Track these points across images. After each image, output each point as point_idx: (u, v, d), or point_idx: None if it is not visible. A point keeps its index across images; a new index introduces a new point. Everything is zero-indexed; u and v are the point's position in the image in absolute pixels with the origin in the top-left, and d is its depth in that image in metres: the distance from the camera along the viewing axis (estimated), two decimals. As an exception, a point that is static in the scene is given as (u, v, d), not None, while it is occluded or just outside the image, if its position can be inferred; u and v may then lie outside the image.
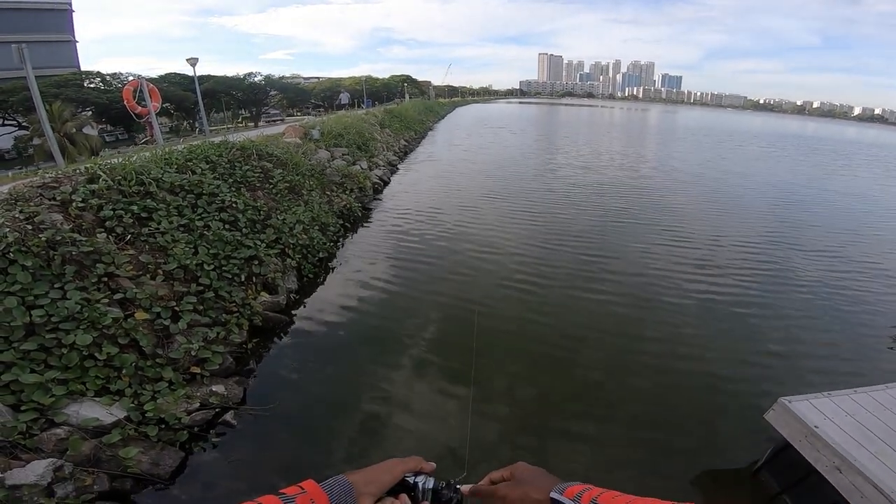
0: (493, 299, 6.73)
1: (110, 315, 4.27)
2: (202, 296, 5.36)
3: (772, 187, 16.73)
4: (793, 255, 9.23)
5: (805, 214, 12.99)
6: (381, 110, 30.25)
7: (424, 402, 4.66)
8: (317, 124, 15.89)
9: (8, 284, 3.88)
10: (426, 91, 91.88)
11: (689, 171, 18.65)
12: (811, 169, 23.39)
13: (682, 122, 70.81)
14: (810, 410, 3.47)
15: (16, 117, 28.76)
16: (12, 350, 3.54)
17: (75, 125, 22.52)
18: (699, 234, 10.22)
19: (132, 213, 5.66)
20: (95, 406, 3.63)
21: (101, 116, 32.20)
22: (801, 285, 7.71)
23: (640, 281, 7.47)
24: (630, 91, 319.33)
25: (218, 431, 4.08)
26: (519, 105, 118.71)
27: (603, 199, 12.62)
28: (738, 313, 6.54)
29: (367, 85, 63.18)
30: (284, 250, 7.26)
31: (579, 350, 5.57)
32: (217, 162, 8.07)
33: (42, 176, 5.90)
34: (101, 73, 36.13)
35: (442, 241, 9.22)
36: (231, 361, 4.96)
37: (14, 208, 4.80)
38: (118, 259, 4.91)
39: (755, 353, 5.62)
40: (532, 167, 17.27)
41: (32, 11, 40.21)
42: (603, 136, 33.82)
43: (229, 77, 45.47)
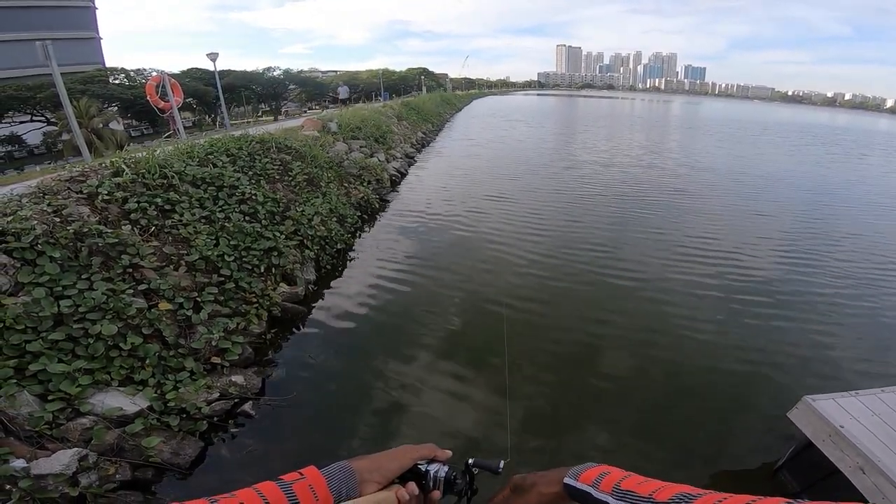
0: (514, 293, 6.67)
1: (135, 305, 4.37)
2: (223, 286, 5.44)
3: (808, 184, 16.12)
4: (819, 251, 8.93)
5: (837, 211, 12.50)
6: (399, 103, 30.19)
7: (443, 395, 4.65)
8: (334, 117, 15.95)
9: (36, 276, 3.98)
10: (443, 83, 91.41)
11: (721, 168, 17.85)
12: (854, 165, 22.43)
13: (708, 114, 68.73)
14: (835, 409, 3.37)
15: (44, 113, 29.58)
16: (40, 340, 3.63)
17: (102, 120, 23.07)
18: (723, 229, 9.94)
19: (156, 206, 5.77)
20: (119, 396, 3.72)
21: (126, 112, 32.90)
22: (827, 282, 7.45)
23: (662, 276, 7.32)
24: (651, 83, 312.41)
25: (237, 422, 4.14)
26: (537, 97, 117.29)
27: (624, 199, 12.19)
28: (763, 312, 6.36)
29: (384, 78, 63.13)
30: (303, 242, 7.31)
31: (599, 347, 5.50)
32: (237, 155, 8.16)
33: (69, 170, 6.04)
34: (126, 69, 36.89)
35: (460, 233, 9.17)
36: (250, 352, 5.03)
37: (42, 201, 4.92)
38: (142, 250, 5.01)
39: (778, 351, 5.47)
40: (550, 163, 16.89)
41: (56, 9, 40.96)
42: (625, 130, 32.82)
43: (249, 71, 46.08)
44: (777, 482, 3.70)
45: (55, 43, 9.52)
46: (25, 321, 3.64)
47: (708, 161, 19.09)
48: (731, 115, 64.68)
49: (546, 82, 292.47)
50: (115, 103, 31.10)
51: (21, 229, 4.19)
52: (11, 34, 37.02)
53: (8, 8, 37.79)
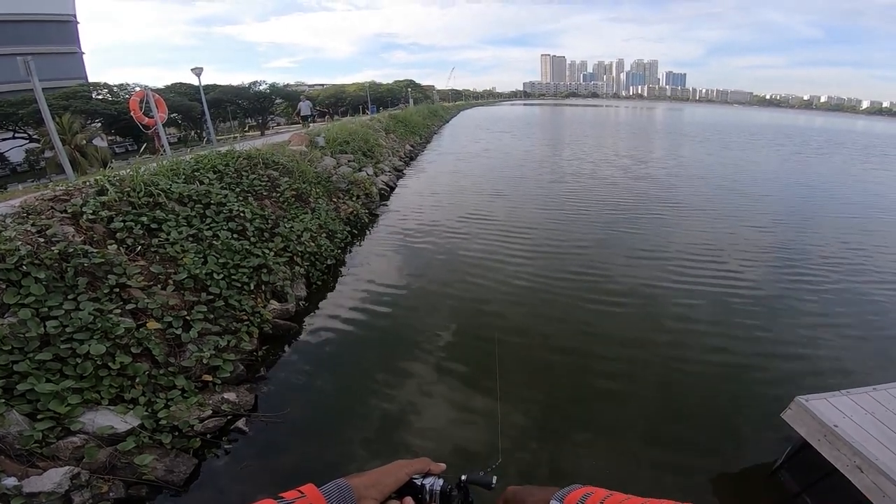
0: (504, 304, 6.70)
1: (123, 325, 4.32)
2: (212, 305, 5.39)
3: (800, 186, 16.52)
4: (811, 251, 9.12)
5: (828, 212, 12.75)
6: (386, 116, 30.31)
7: (436, 407, 4.66)
8: (322, 131, 15.95)
9: (22, 297, 3.94)
10: (430, 95, 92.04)
11: (710, 175, 17.86)
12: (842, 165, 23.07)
13: (692, 119, 70.10)
14: (828, 409, 3.42)
15: (26, 130, 29.11)
16: (27, 360, 3.59)
17: (85, 137, 22.76)
18: (712, 236, 10.05)
19: (142, 225, 5.73)
20: (110, 414, 3.67)
21: (110, 128, 32.48)
22: (818, 282, 7.61)
23: (653, 284, 7.39)
24: (635, 90, 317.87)
25: (230, 438, 4.11)
26: (523, 107, 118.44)
27: (613, 209, 12.19)
28: (755, 311, 6.49)
29: (372, 91, 63.41)
30: (293, 258, 7.29)
31: (590, 354, 5.53)
32: (224, 171, 8.15)
33: (53, 189, 5.98)
34: (109, 84, 36.47)
35: (449, 247, 9.19)
36: (242, 369, 5.00)
37: (26, 221, 4.88)
38: (129, 270, 4.97)
39: (772, 353, 5.56)
40: (536, 176, 16.84)
41: (37, 23, 40.38)
42: (611, 139, 33.09)
43: (235, 86, 45.87)
44: (776, 483, 3.72)
45: (36, 58, 9.43)
46: (12, 342, 3.60)
47: (697, 168, 19.29)
48: (713, 121, 65.95)
49: (532, 92, 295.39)
50: (99, 119, 30.70)
51: (5, 250, 4.15)
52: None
53: None
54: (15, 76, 12.75)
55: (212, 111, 23.55)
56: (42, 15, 40.73)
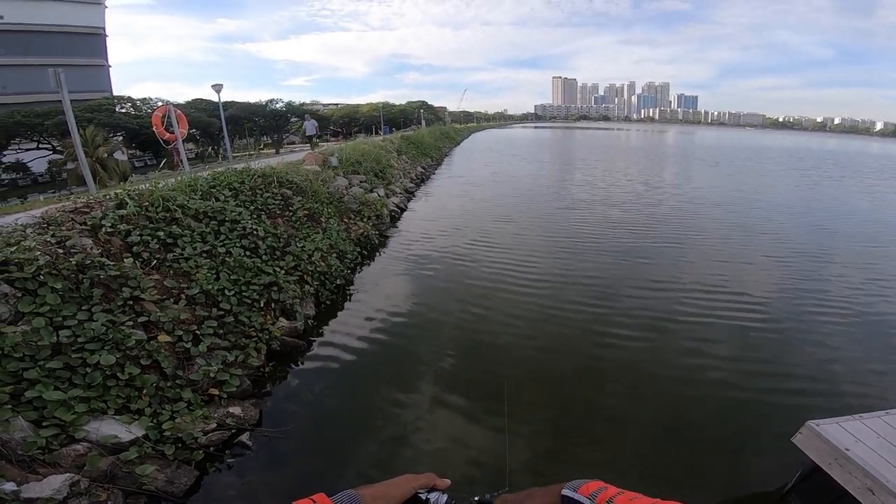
0: (511, 333, 6.59)
1: (134, 337, 4.39)
2: (222, 320, 5.47)
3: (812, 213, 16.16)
4: (826, 278, 8.98)
5: (841, 235, 12.64)
6: (399, 137, 30.79)
7: (441, 430, 4.63)
8: (335, 151, 16.22)
9: (37, 306, 4.03)
10: (442, 117, 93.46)
11: (725, 200, 17.58)
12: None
13: (703, 143, 70.00)
14: (840, 433, 3.41)
15: (50, 141, 29.91)
16: (38, 368, 3.66)
17: (107, 150, 23.35)
18: (725, 261, 9.93)
19: (158, 239, 5.87)
20: (115, 424, 3.71)
21: (131, 141, 33.31)
22: (833, 310, 7.46)
23: (664, 307, 7.33)
24: (646, 112, 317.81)
25: (233, 452, 4.12)
26: (534, 129, 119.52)
27: (624, 233, 12.13)
28: (768, 338, 6.41)
29: (385, 111, 64.58)
30: (303, 277, 7.37)
31: (600, 376, 5.49)
32: (239, 189, 8.33)
33: (74, 201, 6.16)
34: (132, 98, 37.54)
35: (458, 271, 9.17)
36: (248, 384, 5.03)
37: (46, 232, 5.03)
38: (144, 283, 5.07)
39: (784, 378, 5.49)
40: (546, 202, 16.63)
41: (68, 35, 41.79)
42: (623, 163, 32.68)
43: (252, 103, 47.06)
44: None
45: (65, 69, 9.68)
46: (24, 349, 3.67)
47: (711, 194, 18.87)
48: (726, 144, 65.95)
49: (543, 114, 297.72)
50: (121, 132, 31.53)
51: (24, 259, 4.27)
52: (24, 59, 37.90)
53: (23, 32, 38.73)
54: (43, 87, 12.97)
55: (229, 128, 24.03)
56: (72, 27, 42.13)
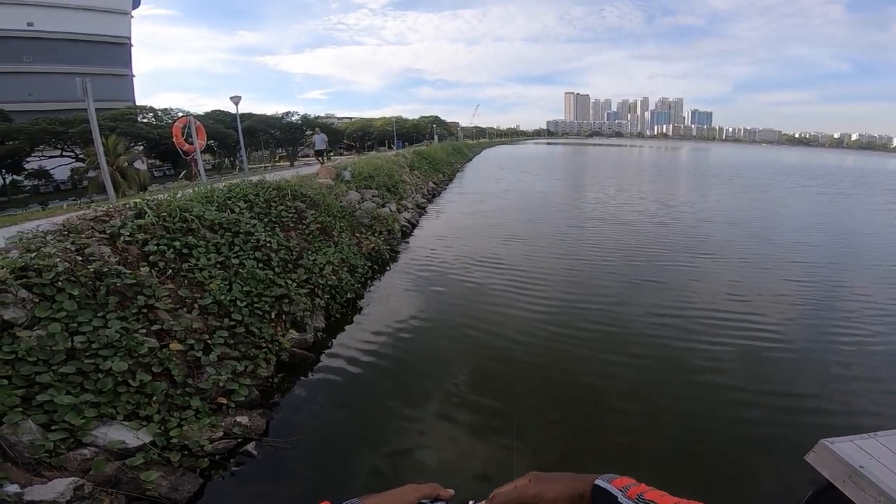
0: (519, 354, 6.51)
1: (147, 344, 4.47)
2: (233, 330, 5.54)
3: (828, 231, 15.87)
4: (843, 299, 8.81)
5: (853, 252, 12.45)
6: (411, 152, 31.08)
7: (447, 442, 4.63)
8: (348, 165, 16.42)
9: (54, 311, 4.13)
10: (454, 132, 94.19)
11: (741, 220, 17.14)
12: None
13: (719, 160, 69.15)
14: (854, 450, 3.40)
15: (73, 149, 30.63)
16: (51, 372, 3.73)
17: (127, 159, 23.87)
18: (745, 281, 9.72)
19: (174, 249, 5.99)
20: (123, 429, 3.75)
21: (151, 151, 33.96)
22: (847, 327, 7.36)
23: (676, 325, 7.24)
24: (659, 129, 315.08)
25: (238, 461, 4.13)
26: (547, 146, 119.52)
27: (637, 253, 11.81)
28: (779, 357, 6.31)
29: (398, 126, 65.39)
30: (314, 290, 7.44)
31: (610, 395, 5.43)
32: (254, 201, 8.48)
33: (94, 209, 6.31)
34: (154, 108, 38.38)
35: (468, 288, 9.13)
36: (257, 394, 5.06)
37: (66, 239, 5.17)
38: (158, 292, 5.17)
39: (798, 397, 5.41)
40: (558, 220, 16.40)
41: (95, 44, 43.06)
42: (636, 181, 32.22)
43: (268, 116, 47.91)
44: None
45: (91, 78, 9.92)
46: (38, 354, 3.75)
47: (726, 213, 18.43)
48: (741, 161, 65.34)
49: (555, 130, 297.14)
50: (142, 142, 32.17)
51: (43, 266, 4.38)
52: (51, 66, 39.09)
53: (51, 40, 39.98)
54: (68, 94, 13.14)
55: (245, 139, 24.39)
56: (99, 36, 43.43)
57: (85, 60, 40.56)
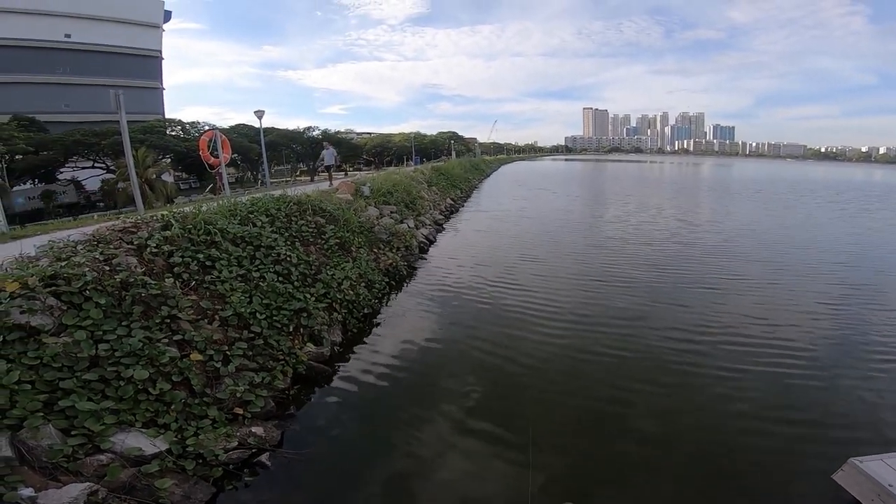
0: (534, 376, 6.39)
1: (168, 354, 4.57)
2: (252, 342, 5.62)
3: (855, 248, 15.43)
4: (868, 315, 8.56)
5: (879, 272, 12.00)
6: (430, 168, 31.34)
7: (461, 460, 4.59)
8: (367, 181, 16.61)
9: (80, 319, 4.25)
10: (472, 148, 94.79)
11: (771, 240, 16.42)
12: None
13: (742, 175, 67.84)
14: (883, 469, 3.39)
15: (105, 160, 31.58)
16: (74, 378, 3.82)
17: (155, 171, 24.59)
18: (763, 294, 9.60)
19: (198, 261, 6.14)
20: (141, 437, 3.81)
21: (178, 164, 34.75)
22: (873, 347, 7.16)
23: (699, 341, 7.17)
24: (680, 144, 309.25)
25: (252, 471, 4.16)
26: (565, 162, 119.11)
27: (657, 273, 11.51)
28: (804, 375, 6.18)
29: (416, 141, 66.09)
30: (332, 304, 7.52)
31: (634, 413, 5.36)
32: (276, 216, 8.65)
33: (123, 220, 6.51)
34: (182, 121, 39.43)
35: (484, 306, 9.06)
36: (273, 405, 5.11)
37: (95, 249, 5.35)
38: (181, 303, 5.29)
39: (823, 415, 5.30)
40: (575, 239, 16.13)
41: (127, 57, 44.29)
42: (655, 197, 31.40)
43: (290, 130, 48.87)
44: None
45: (123, 90, 10.18)
46: (63, 360, 3.85)
47: (752, 232, 17.69)
48: (766, 176, 64.22)
49: (574, 146, 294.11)
50: (170, 155, 32.96)
51: (72, 275, 4.53)
52: (87, 78, 40.51)
53: (86, 52, 41.50)
54: (101, 106, 13.43)
55: (268, 154, 24.80)
56: (131, 49, 44.80)
57: (118, 73, 41.69)
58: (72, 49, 40.89)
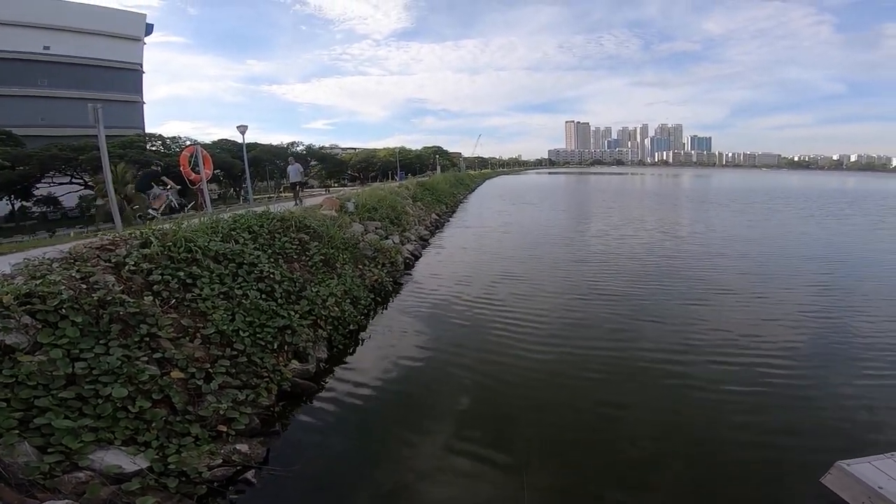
0: (524, 380, 6.51)
1: (147, 372, 4.48)
2: (235, 360, 5.53)
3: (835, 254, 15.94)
4: (843, 321, 8.79)
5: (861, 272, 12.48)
6: (414, 183, 31.44)
7: (447, 476, 4.59)
8: (352, 197, 16.58)
9: (56, 338, 4.17)
10: (457, 163, 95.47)
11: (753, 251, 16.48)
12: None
13: (720, 185, 69.58)
14: (871, 472, 3.42)
15: (83, 176, 30.90)
16: (50, 397, 3.74)
17: (134, 187, 24.13)
18: (744, 284, 9.97)
19: (178, 279, 6.05)
20: (121, 454, 3.72)
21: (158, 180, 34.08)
22: (854, 350, 7.37)
23: (683, 355, 7.18)
24: (660, 156, 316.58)
25: (237, 489, 4.08)
26: (549, 175, 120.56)
27: (639, 286, 11.52)
28: (789, 384, 6.25)
29: (401, 156, 66.31)
30: (317, 321, 7.45)
31: (622, 428, 5.38)
32: (259, 232, 8.59)
33: (101, 238, 6.41)
34: (163, 136, 38.91)
35: (471, 321, 9.04)
36: (257, 423, 5.02)
37: (72, 267, 5.25)
38: (161, 321, 5.20)
39: (808, 419, 5.42)
40: (557, 255, 15.93)
41: (107, 70, 43.42)
42: (637, 210, 32.05)
43: (274, 146, 48.69)
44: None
45: (103, 104, 9.85)
46: (38, 378, 3.77)
47: (733, 244, 17.86)
48: (743, 186, 65.80)
49: (557, 159, 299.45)
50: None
51: (48, 293, 4.45)
52: (65, 91, 39.49)
53: (66, 64, 40.62)
54: (79, 120, 13.01)
55: (251, 170, 24.57)
56: (111, 61, 43.93)
57: (97, 86, 40.79)
58: (50, 61, 40.05)
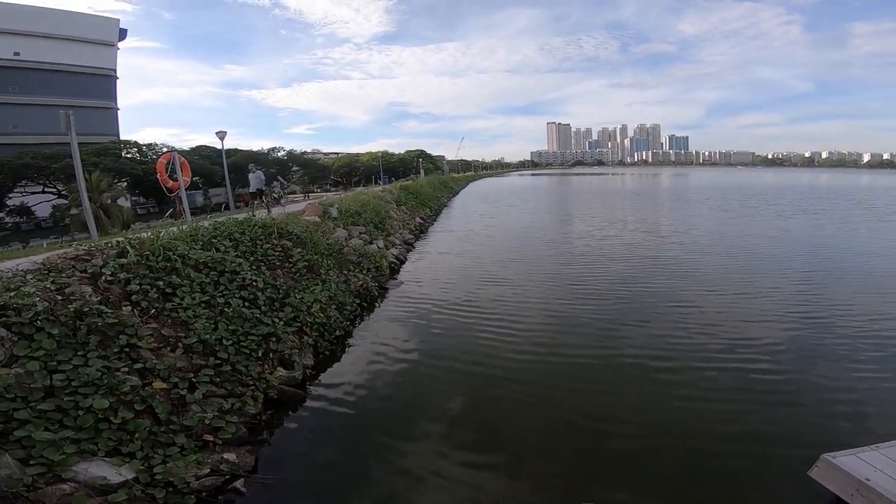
0: (510, 383, 6.55)
1: (129, 383, 4.40)
2: (219, 369, 5.46)
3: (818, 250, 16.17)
4: (825, 315, 8.99)
5: (842, 266, 12.72)
6: (398, 187, 31.35)
7: (436, 480, 4.59)
8: (335, 202, 16.46)
9: (33, 350, 4.08)
10: (440, 166, 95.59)
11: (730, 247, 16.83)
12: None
13: (699, 183, 70.78)
14: (857, 464, 3.47)
15: (56, 185, 29.98)
16: (29, 409, 3.66)
17: (110, 196, 23.53)
18: (726, 281, 10.12)
19: (157, 289, 5.95)
20: (105, 466, 3.65)
21: (135, 188, 33.14)
22: (838, 343, 7.54)
23: (670, 354, 7.27)
24: (639, 156, 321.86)
25: (226, 498, 4.04)
26: (531, 177, 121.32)
27: (625, 285, 11.58)
28: (772, 379, 6.39)
29: (384, 160, 66.08)
30: (302, 328, 7.38)
31: (610, 427, 5.44)
32: (240, 240, 8.49)
33: (76, 248, 6.26)
34: (139, 143, 37.90)
35: (456, 323, 9.08)
36: (244, 431, 4.97)
37: (46, 279, 5.13)
38: (141, 332, 5.11)
39: (795, 413, 5.54)
40: (540, 257, 16.04)
41: (80, 76, 42.04)
42: (619, 209, 32.52)
43: (254, 151, 47.86)
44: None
45: (74, 111, 9.56)
46: (16, 391, 3.69)
47: (715, 242, 18.15)
48: (721, 184, 67.23)
49: (539, 161, 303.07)
50: (126, 178, 31.43)
51: (22, 305, 4.35)
52: (37, 97, 38.06)
53: (37, 70, 39.15)
54: (53, 127, 12.66)
55: (231, 176, 24.12)
56: (84, 67, 42.42)
57: (70, 92, 39.49)
58: (21, 67, 38.84)
